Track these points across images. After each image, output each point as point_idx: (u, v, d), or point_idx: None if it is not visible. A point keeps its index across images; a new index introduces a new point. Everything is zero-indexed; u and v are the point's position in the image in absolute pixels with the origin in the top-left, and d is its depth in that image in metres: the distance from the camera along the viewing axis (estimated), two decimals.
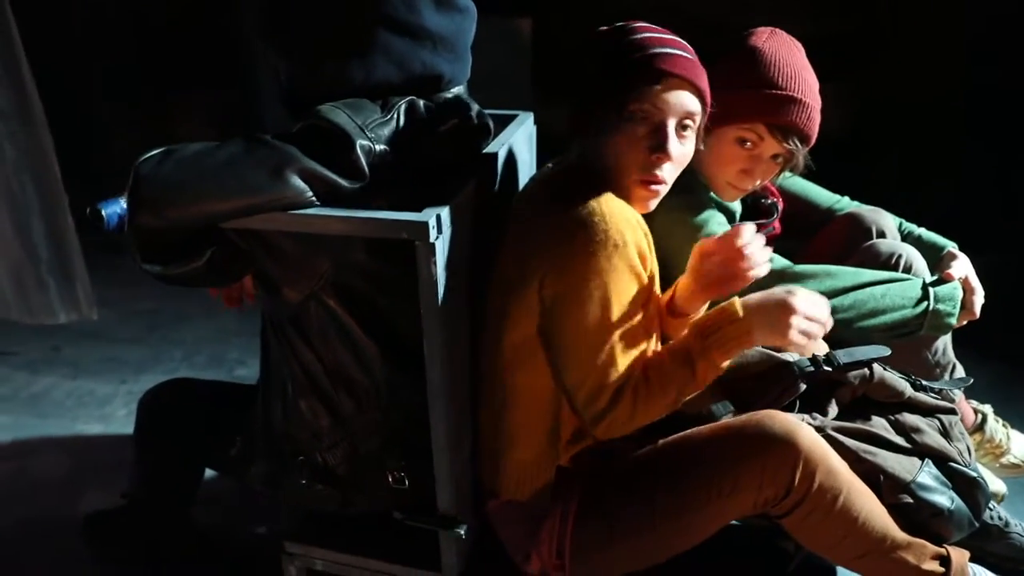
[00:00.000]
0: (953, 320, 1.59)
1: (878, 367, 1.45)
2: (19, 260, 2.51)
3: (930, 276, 1.67)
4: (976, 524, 1.43)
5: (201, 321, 2.90)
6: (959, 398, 1.87)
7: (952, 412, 1.48)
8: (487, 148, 1.50)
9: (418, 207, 1.27)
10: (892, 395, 1.45)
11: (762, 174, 1.59)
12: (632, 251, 1.29)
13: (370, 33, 1.35)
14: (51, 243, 2.50)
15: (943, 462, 1.41)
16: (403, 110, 1.35)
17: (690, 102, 1.32)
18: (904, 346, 1.64)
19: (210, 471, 1.82)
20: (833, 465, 1.31)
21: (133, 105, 3.74)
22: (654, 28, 1.36)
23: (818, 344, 1.57)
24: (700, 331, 1.30)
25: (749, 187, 1.60)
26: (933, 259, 1.75)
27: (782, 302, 1.28)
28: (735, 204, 1.67)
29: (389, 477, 1.47)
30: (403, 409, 1.43)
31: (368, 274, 1.36)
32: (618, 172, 1.33)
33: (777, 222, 1.77)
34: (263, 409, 1.54)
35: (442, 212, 1.27)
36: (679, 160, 1.34)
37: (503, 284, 1.38)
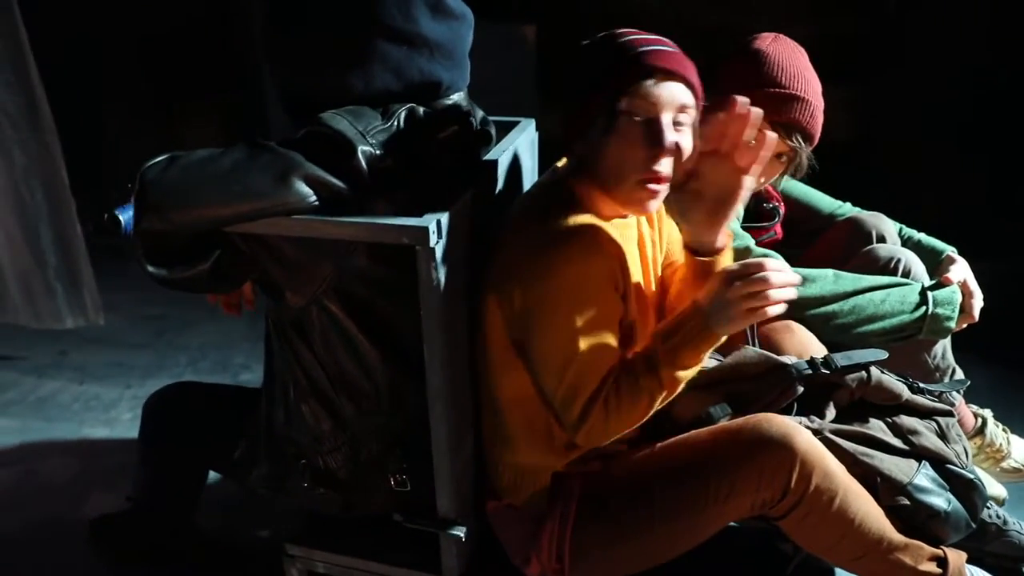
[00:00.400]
0: (952, 324, 1.60)
1: (876, 370, 1.45)
2: (27, 265, 2.52)
3: (929, 280, 1.68)
4: (973, 525, 1.43)
5: (207, 326, 2.91)
6: (959, 402, 1.86)
7: (949, 414, 1.48)
8: (489, 154, 1.51)
9: (419, 212, 1.29)
10: (890, 398, 1.45)
11: (766, 174, 1.60)
12: (601, 269, 1.29)
13: (367, 42, 1.36)
14: (59, 249, 2.51)
15: (940, 464, 1.41)
16: (403, 117, 1.36)
17: (682, 94, 1.28)
18: (903, 350, 1.64)
19: (213, 474, 1.83)
20: (830, 467, 1.32)
21: (140, 112, 3.77)
22: (638, 31, 1.34)
23: (817, 347, 1.59)
24: (662, 335, 1.29)
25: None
26: (932, 263, 1.75)
27: (718, 276, 1.25)
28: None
29: (391, 480, 1.48)
30: (404, 412, 1.44)
31: (369, 279, 1.37)
32: (617, 175, 1.30)
33: (779, 226, 1.78)
34: (265, 413, 1.55)
35: (442, 217, 1.29)
36: (678, 155, 1.30)
37: (488, 290, 1.38)
